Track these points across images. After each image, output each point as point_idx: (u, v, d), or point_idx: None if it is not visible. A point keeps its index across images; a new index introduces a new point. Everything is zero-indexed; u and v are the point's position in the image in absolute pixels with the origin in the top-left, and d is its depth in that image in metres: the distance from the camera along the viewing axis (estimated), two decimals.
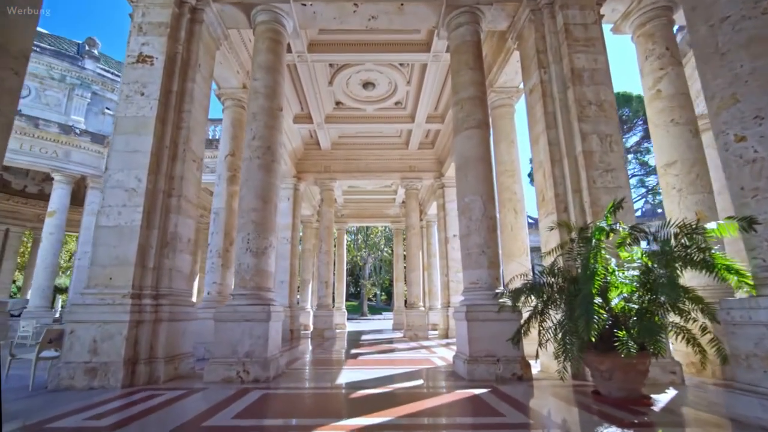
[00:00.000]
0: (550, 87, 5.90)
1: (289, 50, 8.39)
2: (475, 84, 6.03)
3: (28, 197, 18.36)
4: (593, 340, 3.41)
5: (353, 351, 8.43)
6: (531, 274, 7.67)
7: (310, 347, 9.43)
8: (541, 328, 4.33)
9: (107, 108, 15.68)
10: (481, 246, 5.45)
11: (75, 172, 13.88)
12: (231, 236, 7.83)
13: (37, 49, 14.05)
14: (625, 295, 3.78)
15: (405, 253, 24.88)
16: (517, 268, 7.66)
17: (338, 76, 9.82)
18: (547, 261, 5.59)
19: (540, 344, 4.25)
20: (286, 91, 10.40)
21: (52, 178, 13.82)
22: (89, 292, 4.90)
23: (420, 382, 4.92)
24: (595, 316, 3.38)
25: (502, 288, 5.46)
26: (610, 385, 3.72)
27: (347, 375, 5.40)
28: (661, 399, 3.80)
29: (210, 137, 13.51)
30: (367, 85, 10.26)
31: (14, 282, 23.55)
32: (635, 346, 3.33)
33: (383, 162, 13.34)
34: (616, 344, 3.42)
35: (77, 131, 13.84)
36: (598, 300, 3.56)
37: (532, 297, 4.61)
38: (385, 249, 33.69)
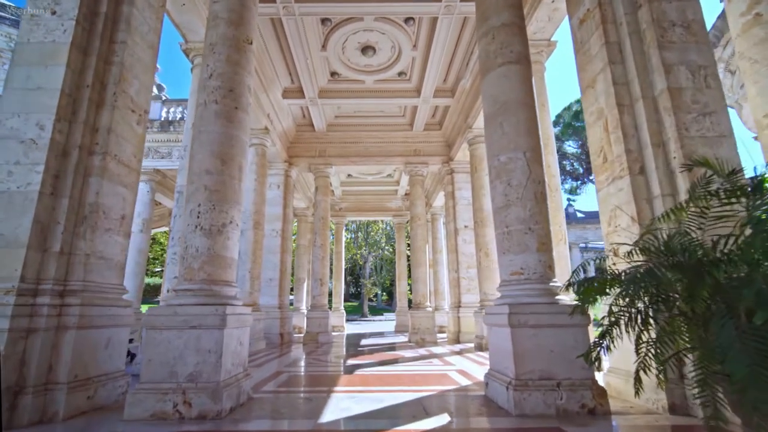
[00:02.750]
0: (612, 9, 4.27)
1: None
2: (511, 7, 4.40)
3: None
4: None
5: (350, 362, 6.77)
6: (569, 267, 6.03)
7: (299, 356, 7.77)
8: (641, 340, 2.68)
9: None
10: (525, 221, 3.80)
11: None
12: None
13: None
14: None
15: (409, 247, 23.08)
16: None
17: (333, 38, 8.20)
18: (614, 240, 3.96)
19: (643, 367, 2.58)
20: (272, 59, 8.80)
21: None
22: None
23: (444, 419, 3.25)
24: None
25: (557, 281, 3.81)
26: None
27: (339, 405, 3.74)
28: None
29: (171, 118, 11.83)
30: (366, 49, 8.64)
31: None
32: None
33: (385, 145, 11.71)
34: None
35: None
36: None
37: (611, 290, 2.96)
38: (386, 247, 31.96)
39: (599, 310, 3.57)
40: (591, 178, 31.81)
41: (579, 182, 32.18)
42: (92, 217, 3.77)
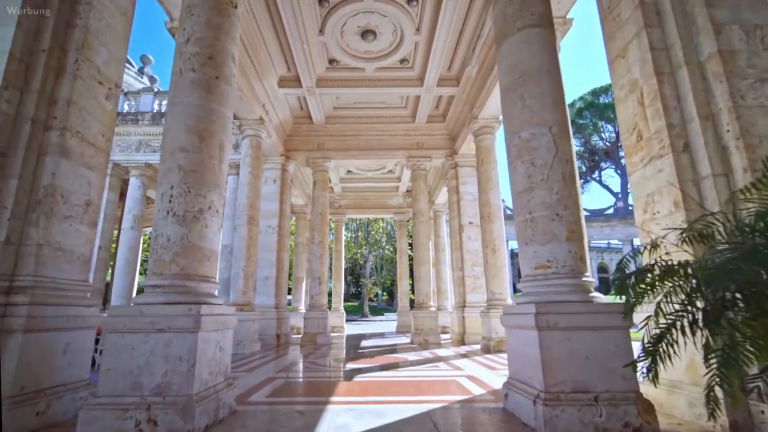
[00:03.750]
0: None
1: None
2: None
3: None
4: None
5: (349, 366, 6.20)
6: (590, 266, 5.47)
7: (295, 359, 7.20)
8: (710, 347, 2.12)
9: None
10: (552, 206, 3.23)
11: None
12: None
13: None
14: None
15: (411, 243, 22.47)
16: None
17: (330, 21, 7.64)
18: (651, 229, 3.40)
19: (719, 381, 2.02)
20: (267, 44, 8.24)
21: None
22: None
23: None
24: None
25: (589, 275, 3.24)
26: None
27: (335, 421, 3.17)
28: None
29: (164, 110, 11.26)
30: (366, 34, 8.08)
31: None
32: None
33: (386, 138, 11.14)
34: None
35: None
36: None
37: (661, 286, 2.40)
38: (387, 246, 31.36)
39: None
40: (594, 176, 31.25)
41: (582, 180, 31.60)
42: (47, 201, 3.21)
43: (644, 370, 2.29)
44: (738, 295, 2.11)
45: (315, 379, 5.11)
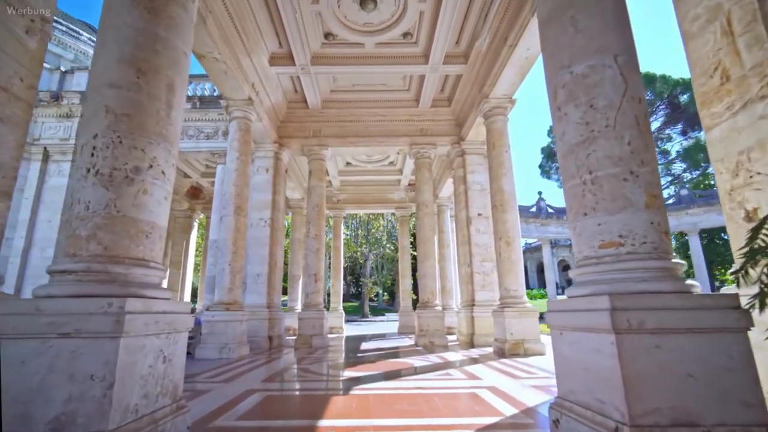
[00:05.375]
0: None
1: None
2: None
3: None
4: None
5: (347, 373, 5.27)
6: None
7: (286, 365, 6.27)
8: None
9: None
10: (624, 161, 2.30)
11: None
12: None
13: None
14: None
15: (413, 241, 21.50)
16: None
17: None
18: (746, 196, 2.48)
19: None
20: (255, 13, 7.33)
21: None
22: None
23: None
24: None
25: (676, 255, 2.32)
26: None
27: None
28: None
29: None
30: (365, 2, 7.14)
31: None
32: None
33: (387, 124, 10.22)
34: None
35: None
36: None
37: None
38: (388, 245, 30.39)
39: None
40: None
41: None
42: None
43: None
44: None
45: (305, 392, 4.17)
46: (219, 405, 3.47)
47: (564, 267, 48.44)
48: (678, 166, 23.70)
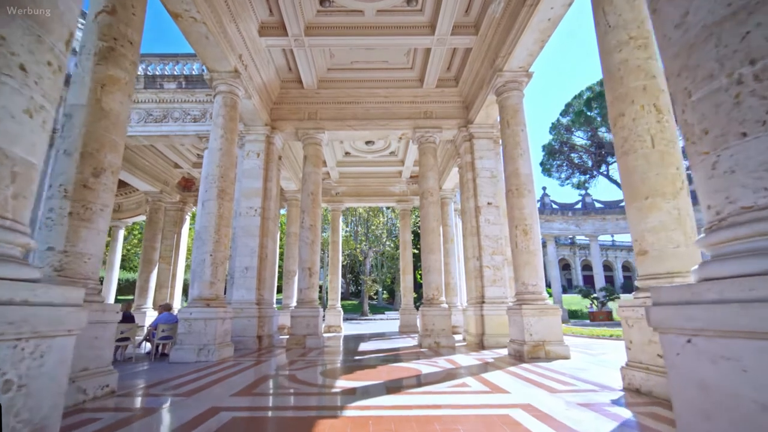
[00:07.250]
0: None
1: None
2: None
3: None
4: None
5: (341, 383, 4.30)
6: (695, 229, 3.60)
7: (270, 370, 5.29)
8: None
9: None
10: None
11: None
12: (97, 158, 3.74)
13: None
14: None
15: (416, 236, 20.43)
16: (666, 221, 3.59)
17: None
18: None
19: None
20: None
21: None
22: None
23: None
24: None
25: None
26: None
27: None
28: None
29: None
30: None
31: None
32: None
33: (389, 106, 9.26)
34: None
35: None
36: None
37: None
38: (388, 242, 29.39)
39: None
40: (601, 171, 29.44)
41: (588, 176, 29.72)
42: None
43: None
44: None
45: (284, 413, 3.20)
46: None
47: (564, 266, 47.52)
48: None
